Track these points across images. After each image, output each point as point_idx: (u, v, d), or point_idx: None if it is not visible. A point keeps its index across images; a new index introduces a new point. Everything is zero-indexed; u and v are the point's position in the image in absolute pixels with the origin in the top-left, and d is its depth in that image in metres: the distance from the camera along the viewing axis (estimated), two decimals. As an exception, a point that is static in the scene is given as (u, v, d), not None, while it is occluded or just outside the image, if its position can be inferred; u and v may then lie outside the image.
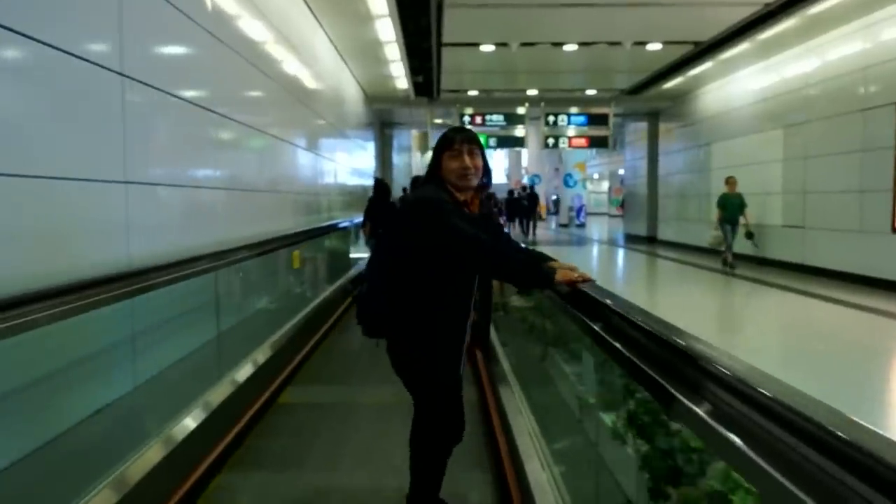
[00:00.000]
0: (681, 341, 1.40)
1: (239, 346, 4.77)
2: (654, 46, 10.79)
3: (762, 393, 1.03)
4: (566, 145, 16.17)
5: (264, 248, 5.35)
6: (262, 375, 4.54)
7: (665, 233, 17.31)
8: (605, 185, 48.92)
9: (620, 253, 16.75)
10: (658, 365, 1.45)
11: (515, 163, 45.83)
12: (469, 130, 2.57)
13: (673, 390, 1.31)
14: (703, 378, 1.23)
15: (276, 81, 6.48)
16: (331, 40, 9.91)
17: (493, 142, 16.15)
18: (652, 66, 12.56)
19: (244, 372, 4.32)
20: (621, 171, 46.86)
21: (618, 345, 1.73)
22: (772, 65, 11.78)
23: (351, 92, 12.65)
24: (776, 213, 11.58)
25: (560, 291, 2.51)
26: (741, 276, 10.61)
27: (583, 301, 2.21)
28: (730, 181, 11.33)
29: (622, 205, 41.41)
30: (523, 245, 3.18)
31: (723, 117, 13.76)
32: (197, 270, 3.81)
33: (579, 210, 29.09)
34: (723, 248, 11.41)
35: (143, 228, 3.55)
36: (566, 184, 28.98)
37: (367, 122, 15.40)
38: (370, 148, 16.06)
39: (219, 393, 3.84)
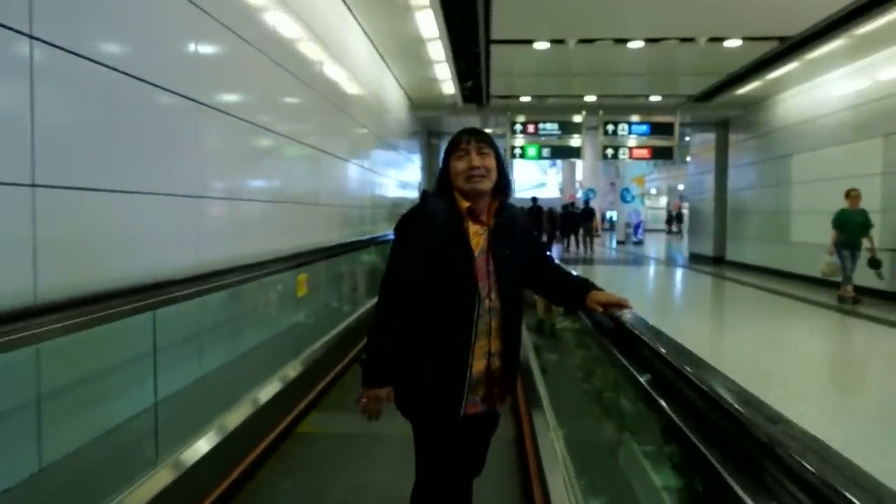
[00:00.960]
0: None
1: (264, 364, 4.41)
2: (733, 43, 9.49)
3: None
4: (626, 156, 14.88)
5: (267, 269, 4.42)
6: (287, 396, 4.21)
7: (735, 253, 15.79)
8: (663, 201, 47.13)
9: (685, 276, 15.30)
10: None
11: (569, 177, 44.43)
12: (480, 130, 2.23)
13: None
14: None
15: (285, 69, 5.53)
16: (368, 37, 8.99)
17: (546, 152, 15.00)
18: (727, 67, 11.23)
19: (268, 391, 3.95)
20: (680, 187, 45.20)
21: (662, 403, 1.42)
22: (867, 66, 10.31)
23: (394, 98, 11.74)
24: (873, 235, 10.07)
25: (602, 324, 2.24)
26: (851, 311, 9.09)
27: (621, 336, 1.95)
28: (851, 195, 9.43)
29: (669, 220, 39.50)
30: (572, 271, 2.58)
31: (805, 126, 12.28)
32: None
33: (637, 227, 27.55)
34: (838, 279, 9.53)
35: (60, 249, 2.59)
36: (623, 199, 27.45)
37: (412, 131, 14.51)
38: (416, 159, 15.15)
39: (235, 417, 3.47)
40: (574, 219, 20.34)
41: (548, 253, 2.44)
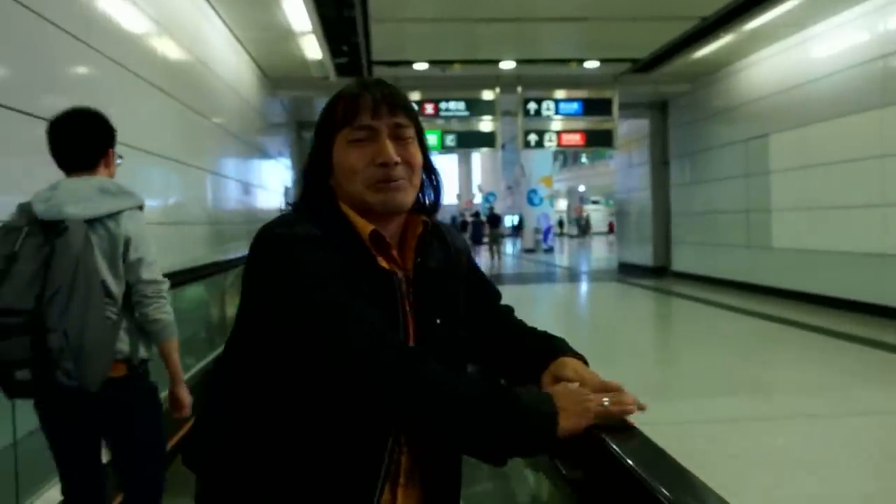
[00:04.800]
0: None
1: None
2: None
3: None
4: (553, 143, 11.49)
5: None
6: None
7: (685, 262, 12.78)
8: (563, 204, 45.10)
9: (634, 295, 12.03)
10: None
11: (465, 179, 41.39)
12: (390, 85, 1.08)
13: None
14: None
15: None
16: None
17: (450, 140, 11.30)
18: (705, 5, 7.95)
19: None
20: (581, 188, 43.32)
21: None
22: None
23: (231, 64, 7.78)
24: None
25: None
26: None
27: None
28: None
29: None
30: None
31: (793, 94, 9.28)
32: None
33: (546, 232, 24.59)
34: None
35: None
36: (530, 201, 24.33)
37: (272, 120, 10.59)
38: (280, 157, 11.22)
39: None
40: (482, 228, 16.99)
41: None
